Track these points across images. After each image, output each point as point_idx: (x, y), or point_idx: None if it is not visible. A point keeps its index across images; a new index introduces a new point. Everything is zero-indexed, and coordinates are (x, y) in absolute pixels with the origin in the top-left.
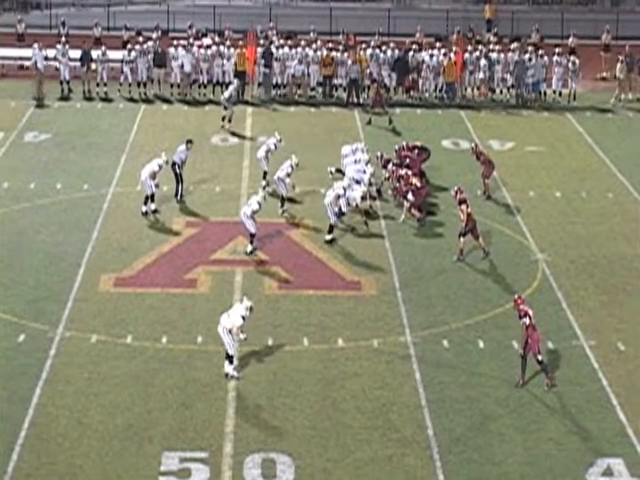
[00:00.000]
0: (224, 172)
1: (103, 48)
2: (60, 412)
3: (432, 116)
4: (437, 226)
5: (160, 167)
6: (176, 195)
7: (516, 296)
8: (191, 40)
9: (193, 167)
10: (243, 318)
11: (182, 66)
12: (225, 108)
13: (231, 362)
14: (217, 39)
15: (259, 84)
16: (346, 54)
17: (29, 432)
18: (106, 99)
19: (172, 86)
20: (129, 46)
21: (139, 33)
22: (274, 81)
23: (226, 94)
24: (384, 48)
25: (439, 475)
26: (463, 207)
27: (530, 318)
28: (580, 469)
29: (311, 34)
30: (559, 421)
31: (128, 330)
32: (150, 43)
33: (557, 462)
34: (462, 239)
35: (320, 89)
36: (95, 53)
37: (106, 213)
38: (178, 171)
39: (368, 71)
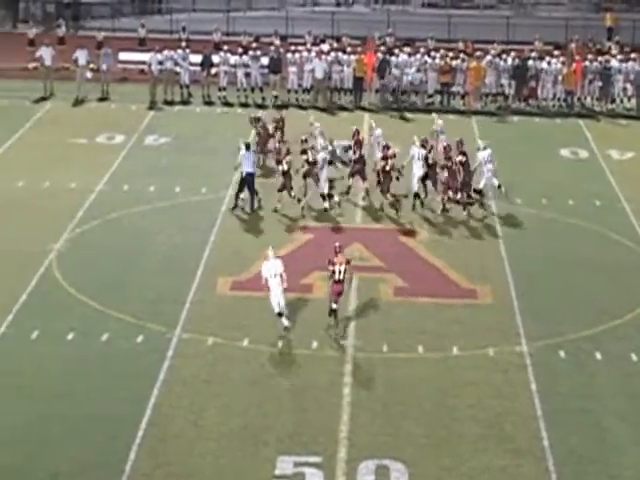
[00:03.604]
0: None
1: (223, 53)
2: (177, 413)
3: (550, 125)
4: (554, 235)
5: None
6: (251, 207)
7: (337, 244)
8: (308, 46)
9: None
10: None
11: (313, 71)
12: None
13: None
14: (335, 45)
15: (376, 90)
16: (465, 62)
17: (147, 432)
18: (226, 104)
19: (289, 91)
20: (239, 50)
21: (257, 39)
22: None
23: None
24: (503, 56)
25: None
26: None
27: (337, 271)
28: None
29: (429, 41)
30: None
31: (244, 333)
32: (272, 48)
33: None
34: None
35: (438, 97)
36: (216, 58)
37: (224, 216)
38: (252, 182)
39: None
